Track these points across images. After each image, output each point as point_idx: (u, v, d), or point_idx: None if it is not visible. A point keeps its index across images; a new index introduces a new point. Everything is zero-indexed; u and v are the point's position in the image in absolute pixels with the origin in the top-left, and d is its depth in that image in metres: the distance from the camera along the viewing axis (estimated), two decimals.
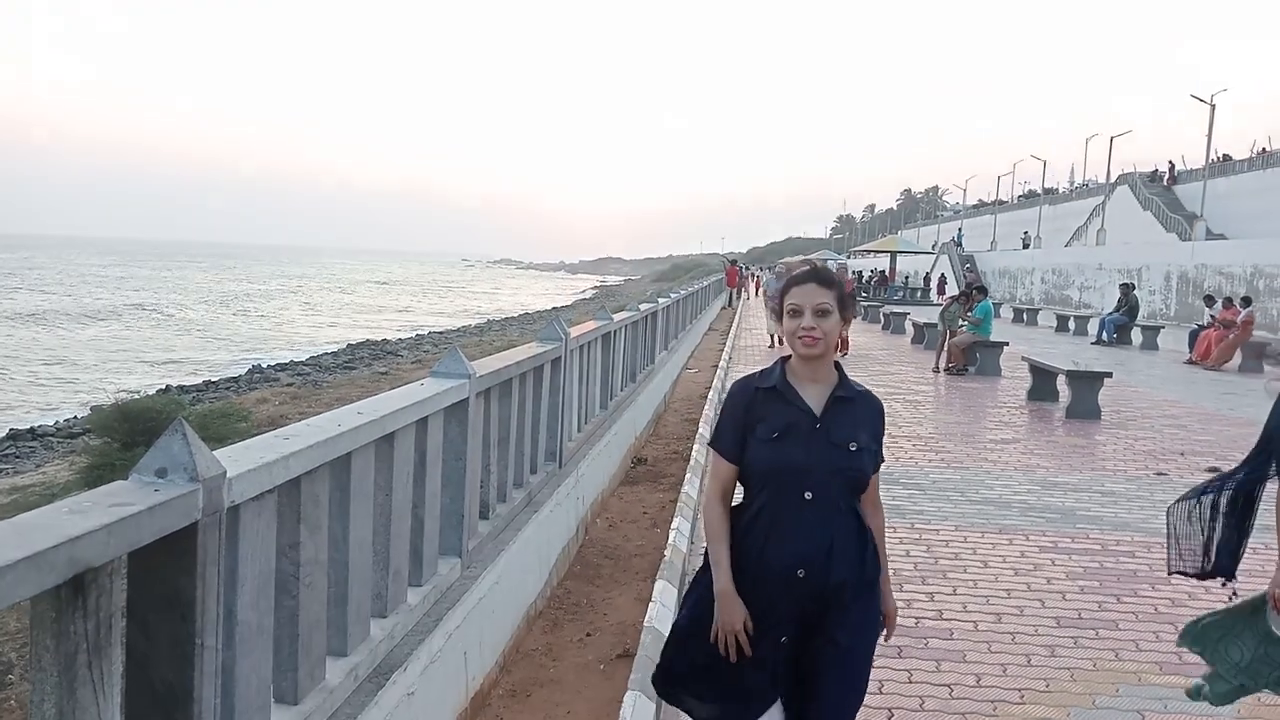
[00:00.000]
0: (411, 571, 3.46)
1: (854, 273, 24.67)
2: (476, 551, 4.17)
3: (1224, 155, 43.23)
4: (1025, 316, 32.70)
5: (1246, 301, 19.80)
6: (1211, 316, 20.02)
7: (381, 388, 18.79)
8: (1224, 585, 3.31)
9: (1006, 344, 16.59)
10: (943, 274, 52.06)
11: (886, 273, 48.69)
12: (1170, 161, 48.50)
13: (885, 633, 2.66)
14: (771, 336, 20.05)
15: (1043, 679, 4.15)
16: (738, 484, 2.61)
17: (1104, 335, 23.65)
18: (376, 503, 3.11)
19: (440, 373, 3.87)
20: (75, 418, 19.26)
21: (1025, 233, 57.87)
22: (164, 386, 23.69)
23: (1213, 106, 38.11)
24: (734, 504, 2.62)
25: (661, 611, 4.49)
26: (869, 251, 61.17)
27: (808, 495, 2.44)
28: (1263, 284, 28.09)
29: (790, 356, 2.57)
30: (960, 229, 66.26)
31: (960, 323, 16.28)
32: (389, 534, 3.19)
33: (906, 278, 53.98)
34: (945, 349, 16.12)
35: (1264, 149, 42.02)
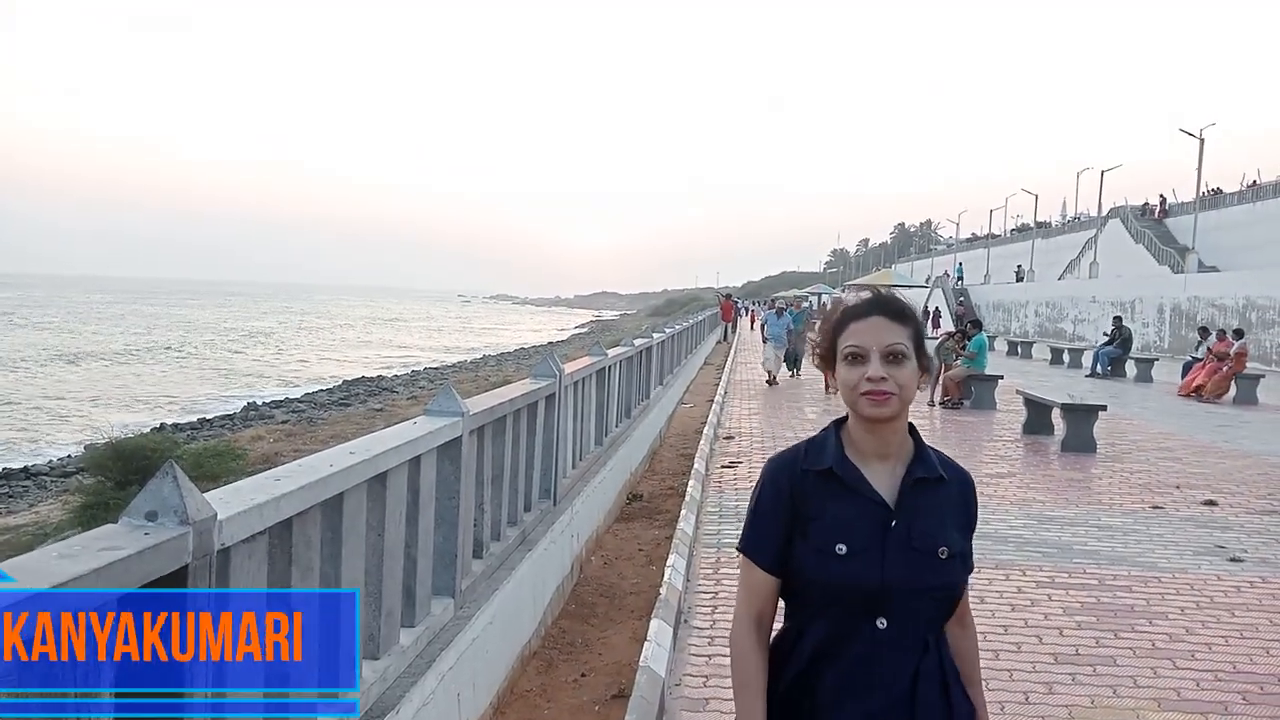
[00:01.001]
0: (404, 612, 3.44)
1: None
2: (470, 591, 4.15)
3: (1215, 189, 43.59)
4: (1020, 349, 32.76)
5: (1239, 334, 19.88)
6: (1206, 349, 20.08)
7: (376, 424, 18.76)
8: None
9: (1001, 377, 16.63)
10: (936, 307, 52.26)
11: None
12: (1161, 195, 48.92)
13: None
14: (770, 374, 19.42)
15: (1041, 716, 4.12)
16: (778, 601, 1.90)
17: (1098, 368, 23.69)
18: (369, 543, 3.09)
19: (434, 411, 3.87)
20: (69, 456, 19.20)
21: (1019, 266, 58.19)
22: (158, 425, 23.63)
23: (1201, 140, 38.47)
24: (773, 632, 1.93)
25: (657, 651, 4.46)
26: (863, 286, 61.43)
27: (881, 624, 1.78)
28: (1255, 316, 28.21)
29: (846, 420, 1.87)
30: (959, 264, 66.59)
31: (955, 357, 16.35)
32: (381, 574, 3.18)
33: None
34: (940, 383, 16.15)
35: (1254, 182, 42.38)
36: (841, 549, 1.77)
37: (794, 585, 1.85)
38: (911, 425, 1.87)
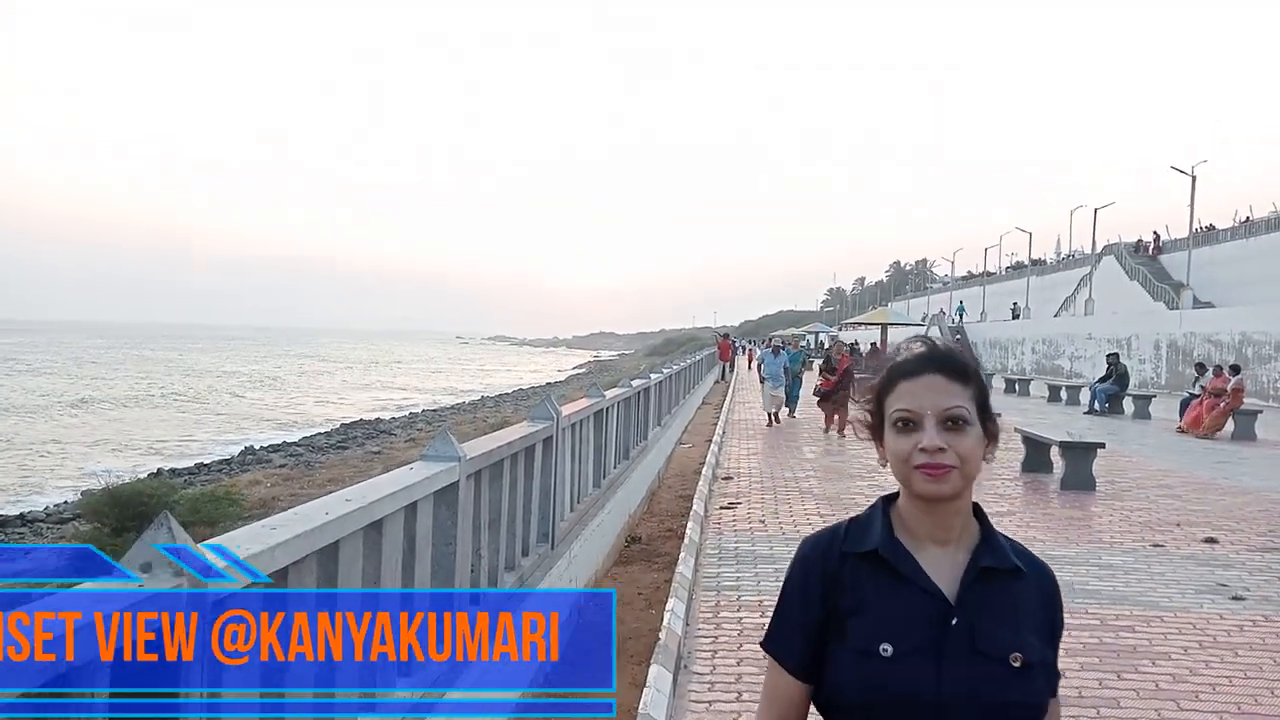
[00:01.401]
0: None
1: (850, 346, 23.85)
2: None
3: (1208, 225, 43.94)
4: (1017, 387, 32.79)
5: (1236, 369, 19.92)
6: (1201, 386, 20.11)
7: (374, 467, 18.73)
8: None
9: (999, 415, 16.56)
10: None
11: (878, 345, 48.92)
12: (1155, 232, 49.34)
13: None
14: (770, 415, 19.14)
15: None
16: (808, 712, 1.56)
17: (1096, 405, 23.70)
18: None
19: (430, 455, 3.86)
20: (66, 502, 19.08)
21: (1014, 303, 58.45)
22: (155, 470, 23.54)
23: (1194, 178, 38.82)
24: None
25: (656, 697, 4.41)
26: (860, 324, 61.65)
27: None
28: (1251, 351, 28.29)
29: (896, 497, 1.56)
30: (960, 302, 66.90)
31: None
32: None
33: (899, 349, 54.23)
34: None
35: (1246, 218, 42.73)
36: (887, 650, 1.44)
37: (829, 696, 1.50)
38: (977, 506, 1.55)
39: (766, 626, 1.60)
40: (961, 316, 63.10)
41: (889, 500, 1.58)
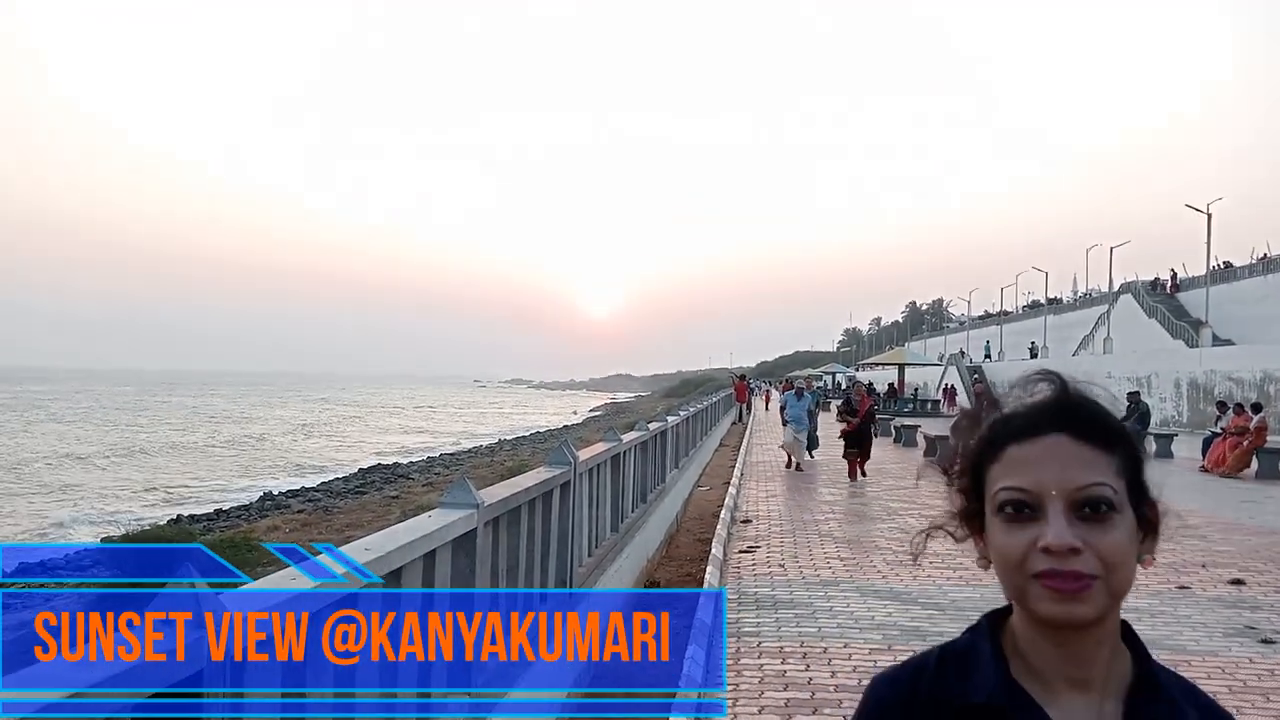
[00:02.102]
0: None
1: (868, 386, 22.82)
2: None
3: (1225, 262, 43.78)
4: None
5: (1257, 408, 19.74)
6: (1223, 425, 19.91)
7: (392, 512, 18.71)
8: None
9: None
10: (950, 384, 52.16)
11: (895, 385, 48.79)
12: (1172, 269, 49.19)
13: None
14: (790, 457, 18.38)
15: None
16: None
17: None
18: None
19: (448, 503, 3.87)
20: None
21: (1032, 342, 58.27)
22: (175, 516, 23.63)
23: (1209, 215, 38.77)
24: None
25: None
26: (877, 364, 61.51)
27: None
28: (1273, 389, 28.04)
29: (1006, 615, 1.10)
30: (988, 342, 66.72)
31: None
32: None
33: (916, 390, 54.09)
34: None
35: (1264, 255, 42.54)
36: None
37: None
38: (1127, 628, 1.08)
39: None
40: (988, 356, 62.89)
41: (996, 620, 1.10)
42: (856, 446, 16.66)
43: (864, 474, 16.50)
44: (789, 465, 18.41)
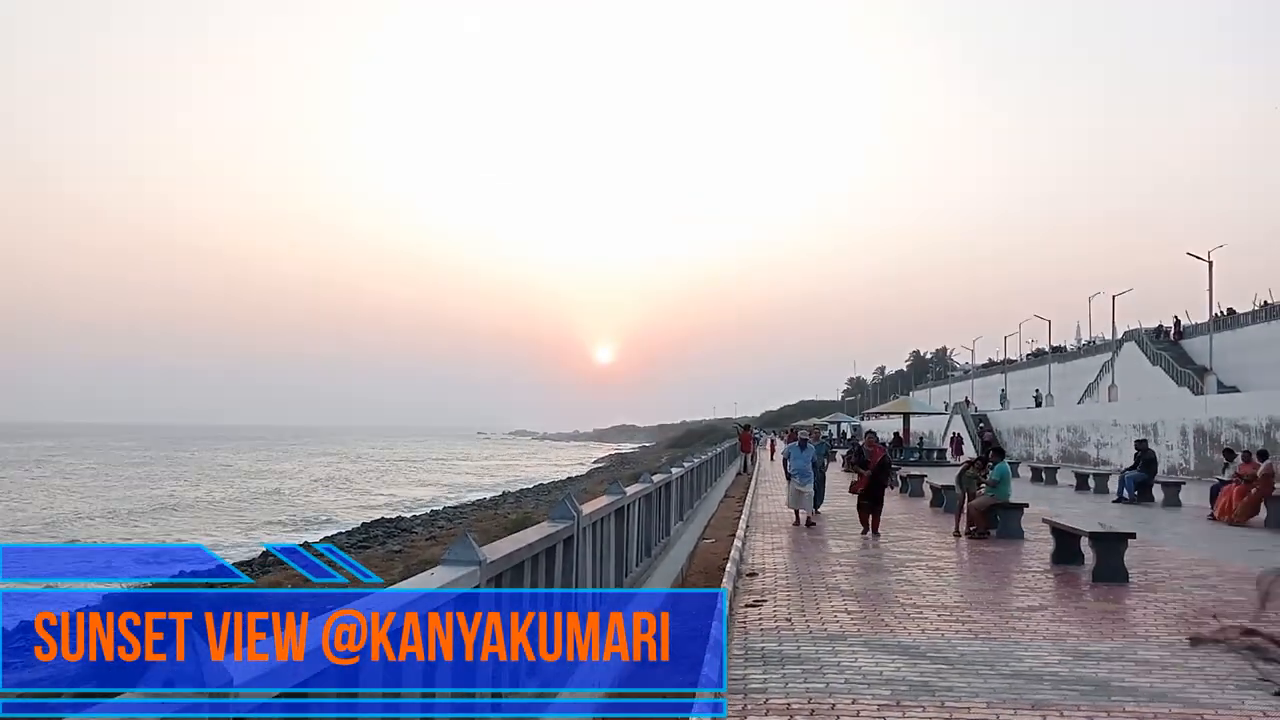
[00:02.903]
0: None
1: (872, 434, 21.66)
2: None
3: (1228, 309, 43.86)
4: (1044, 475, 32.30)
5: (1264, 455, 19.63)
6: (1232, 472, 19.79)
7: (395, 567, 18.58)
8: None
9: (1026, 505, 16.39)
10: (956, 433, 52.03)
11: (900, 434, 48.67)
12: (1175, 317, 49.24)
13: None
14: (797, 513, 17.58)
15: None
16: None
17: (1125, 493, 23.34)
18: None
19: (450, 560, 3.86)
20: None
21: (1037, 390, 58.18)
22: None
23: (1210, 263, 38.94)
24: None
25: None
26: (883, 413, 61.36)
27: None
28: None
29: None
30: (1003, 390, 66.54)
31: (978, 485, 16.18)
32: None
33: (921, 439, 53.95)
34: (965, 512, 15.95)
35: (1265, 302, 42.63)
36: None
37: None
38: None
39: None
40: (1003, 404, 62.69)
41: None
42: (869, 499, 16.29)
43: (876, 533, 15.83)
44: (797, 522, 17.49)
